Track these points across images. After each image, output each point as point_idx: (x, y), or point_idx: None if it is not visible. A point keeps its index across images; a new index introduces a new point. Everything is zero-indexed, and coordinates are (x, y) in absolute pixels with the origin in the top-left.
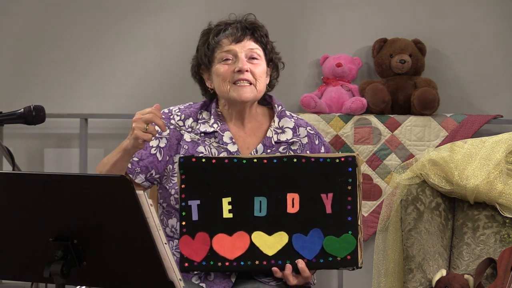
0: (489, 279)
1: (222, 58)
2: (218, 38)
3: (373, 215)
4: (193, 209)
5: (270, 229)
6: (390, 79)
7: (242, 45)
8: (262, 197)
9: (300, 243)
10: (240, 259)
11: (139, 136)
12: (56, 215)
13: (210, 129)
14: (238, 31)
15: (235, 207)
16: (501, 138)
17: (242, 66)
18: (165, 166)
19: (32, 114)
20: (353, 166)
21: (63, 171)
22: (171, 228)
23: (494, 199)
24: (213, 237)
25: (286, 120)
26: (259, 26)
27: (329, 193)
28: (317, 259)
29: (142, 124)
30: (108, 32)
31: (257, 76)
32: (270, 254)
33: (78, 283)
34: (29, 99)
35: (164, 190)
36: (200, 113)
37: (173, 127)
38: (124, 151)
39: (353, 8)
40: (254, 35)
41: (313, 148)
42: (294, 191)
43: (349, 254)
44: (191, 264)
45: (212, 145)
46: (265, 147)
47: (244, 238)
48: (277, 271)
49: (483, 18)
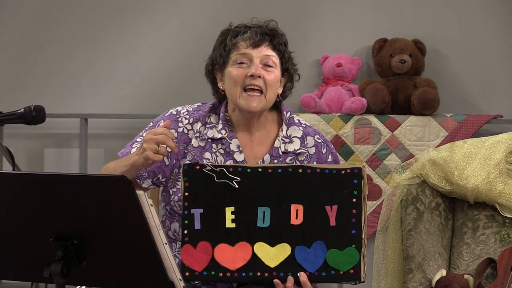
0: (489, 279)
1: (237, 61)
2: (235, 40)
3: (373, 215)
4: (195, 217)
5: (272, 240)
6: (390, 79)
7: (258, 50)
8: (266, 207)
9: (303, 255)
10: (242, 270)
11: (150, 157)
12: (56, 215)
13: (218, 135)
14: (257, 35)
15: (238, 217)
16: (501, 138)
17: (255, 71)
18: (171, 170)
19: (32, 114)
20: (359, 178)
21: (63, 171)
22: (174, 232)
23: (494, 199)
24: (215, 247)
25: (294, 129)
26: (278, 33)
27: (333, 205)
28: (319, 272)
29: (153, 145)
30: (108, 32)
31: (268, 84)
32: (272, 265)
33: (78, 283)
34: (29, 99)
35: (167, 194)
36: (209, 116)
37: (183, 147)
38: (132, 166)
39: (353, 8)
40: (272, 42)
41: (320, 158)
42: (299, 202)
43: (352, 268)
44: (192, 274)
45: (218, 152)
46: (272, 157)
47: (246, 249)
48: (278, 284)
49: (483, 18)
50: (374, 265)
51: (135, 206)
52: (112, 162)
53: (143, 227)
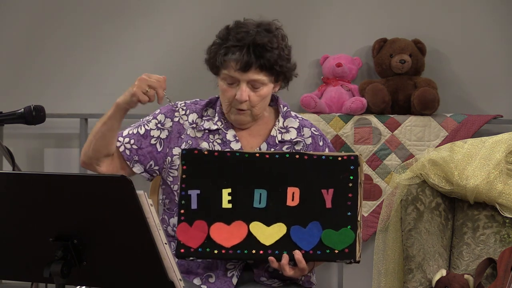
0: (489, 279)
1: (226, 79)
2: (225, 58)
3: (373, 215)
4: (192, 198)
5: (268, 220)
6: (390, 79)
7: (246, 75)
8: (262, 190)
9: (298, 234)
10: (237, 247)
11: (137, 94)
12: (56, 215)
13: (214, 126)
14: (244, 57)
15: (235, 198)
16: (501, 138)
17: (240, 98)
18: (164, 158)
19: (32, 114)
20: (355, 165)
21: (63, 171)
22: (173, 227)
23: (494, 199)
24: (211, 226)
25: (291, 120)
26: (268, 49)
27: (329, 188)
28: (315, 251)
29: (144, 85)
30: (108, 32)
31: (255, 103)
32: (267, 244)
33: (78, 283)
34: (29, 99)
35: (166, 186)
36: (206, 110)
37: (169, 105)
38: (117, 106)
39: (353, 8)
40: (260, 62)
41: (316, 149)
42: (295, 185)
43: (347, 247)
44: (187, 251)
45: (216, 142)
46: (269, 145)
47: (242, 228)
48: (273, 261)
49: (483, 18)
50: (374, 265)
51: (135, 206)
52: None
53: (143, 227)
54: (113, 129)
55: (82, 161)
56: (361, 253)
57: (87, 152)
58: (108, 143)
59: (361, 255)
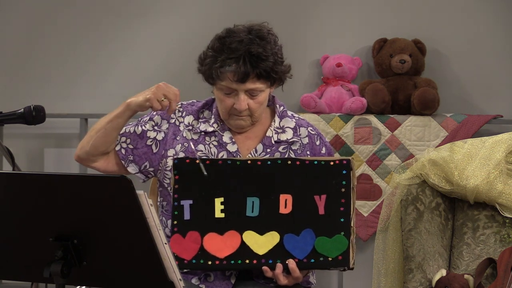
0: (489, 279)
1: (223, 89)
2: (222, 69)
3: (373, 215)
4: (185, 208)
5: (261, 229)
6: (390, 79)
7: (244, 85)
8: (254, 198)
9: (292, 243)
10: (231, 258)
11: (152, 100)
12: (56, 215)
13: (210, 128)
14: (241, 68)
15: (227, 207)
16: (501, 138)
17: (240, 108)
18: (159, 160)
19: (32, 114)
20: (348, 169)
21: (63, 171)
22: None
23: (494, 199)
24: (204, 236)
25: (287, 120)
26: (263, 59)
27: (322, 194)
28: (308, 259)
29: (161, 94)
30: (108, 32)
31: (254, 110)
32: (261, 253)
33: (78, 283)
34: (29, 99)
35: (163, 188)
36: (202, 112)
37: (173, 121)
38: (127, 106)
39: (353, 8)
40: (257, 71)
41: (313, 148)
42: (287, 192)
43: (340, 254)
44: (181, 263)
45: (212, 144)
46: (265, 146)
47: (235, 237)
48: (267, 270)
49: (483, 18)
50: (374, 265)
51: (135, 206)
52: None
53: (143, 227)
54: (117, 128)
55: (77, 155)
56: (354, 260)
57: (84, 147)
58: (109, 140)
59: (355, 262)
